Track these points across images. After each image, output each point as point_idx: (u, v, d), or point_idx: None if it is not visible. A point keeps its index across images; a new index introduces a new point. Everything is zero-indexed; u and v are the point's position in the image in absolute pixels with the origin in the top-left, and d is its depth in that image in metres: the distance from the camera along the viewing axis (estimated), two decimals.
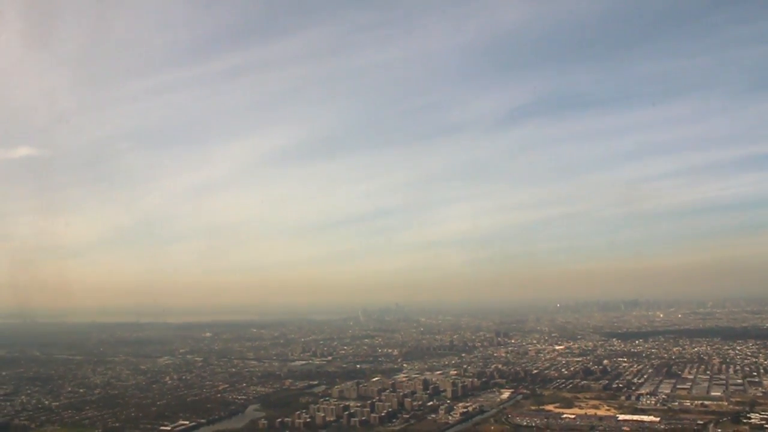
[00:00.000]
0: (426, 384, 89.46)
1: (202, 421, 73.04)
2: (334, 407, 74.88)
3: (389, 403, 77.18)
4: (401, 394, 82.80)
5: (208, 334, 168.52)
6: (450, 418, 73.54)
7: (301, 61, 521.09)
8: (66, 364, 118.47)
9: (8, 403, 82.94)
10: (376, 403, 77.39)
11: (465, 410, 76.60)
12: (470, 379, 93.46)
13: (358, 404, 78.17)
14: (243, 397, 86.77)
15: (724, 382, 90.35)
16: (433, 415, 75.03)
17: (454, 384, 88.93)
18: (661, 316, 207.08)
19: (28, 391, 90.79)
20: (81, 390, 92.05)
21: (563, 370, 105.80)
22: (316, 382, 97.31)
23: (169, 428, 69.68)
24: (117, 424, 71.70)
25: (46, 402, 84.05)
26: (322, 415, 71.79)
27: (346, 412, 72.74)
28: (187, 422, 71.79)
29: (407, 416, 74.03)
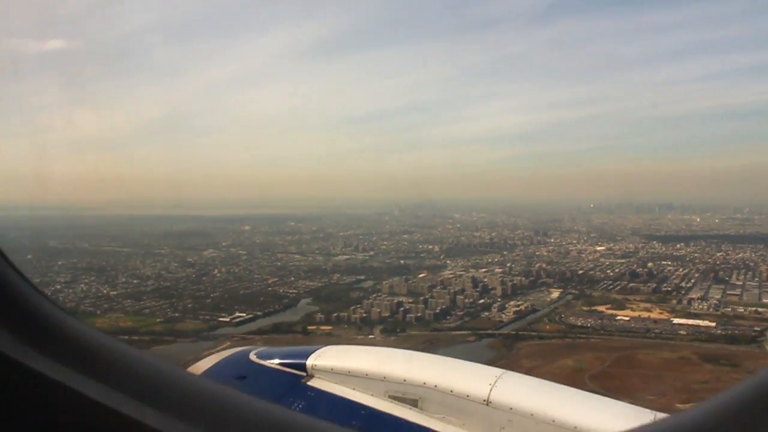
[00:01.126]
0: (475, 282, 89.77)
1: (259, 313, 74.50)
2: (387, 303, 75.82)
3: (442, 300, 77.93)
4: (452, 291, 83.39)
5: (247, 228, 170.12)
6: (503, 316, 74.11)
7: None
8: (115, 255, 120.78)
9: (70, 290, 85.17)
10: (429, 299, 78.22)
11: (517, 309, 77.19)
12: (518, 278, 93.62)
13: (410, 300, 79.06)
14: (293, 291, 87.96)
15: None
16: (486, 313, 75.64)
17: (502, 282, 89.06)
18: (698, 220, 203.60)
19: (86, 280, 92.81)
20: (135, 281, 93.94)
21: (608, 271, 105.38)
22: (363, 277, 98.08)
23: (227, 319, 71.27)
24: (176, 314, 73.63)
25: (105, 291, 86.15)
26: (378, 310, 72.76)
27: (401, 308, 73.66)
28: (243, 314, 73.32)
29: (460, 313, 74.72)
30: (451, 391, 4.29)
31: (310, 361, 4.92)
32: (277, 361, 5.14)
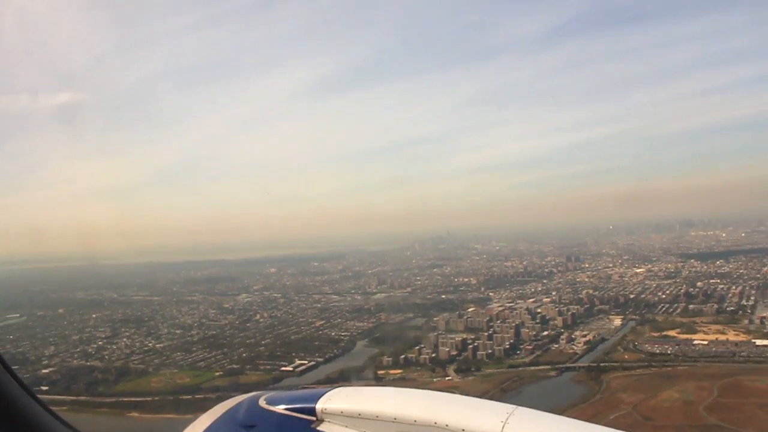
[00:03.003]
0: (531, 313, 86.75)
1: (320, 359, 71.38)
2: (451, 341, 72.75)
3: (507, 335, 74.85)
4: (513, 324, 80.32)
5: (272, 270, 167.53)
6: (574, 347, 71.06)
7: None
8: (147, 305, 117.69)
9: (113, 346, 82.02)
10: (494, 335, 75.15)
11: (585, 339, 74.13)
12: (573, 307, 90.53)
13: (471, 336, 76.01)
14: (346, 333, 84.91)
15: None
16: (555, 345, 72.60)
17: (560, 312, 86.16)
18: (724, 235, 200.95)
19: (127, 333, 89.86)
20: (177, 331, 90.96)
21: (660, 294, 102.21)
22: (411, 315, 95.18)
23: (290, 368, 68.13)
24: (235, 366, 70.41)
25: (150, 344, 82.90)
26: (446, 349, 69.69)
27: (471, 345, 70.61)
28: (305, 362, 70.19)
29: (529, 347, 71.63)
30: (463, 430, 4.14)
31: (319, 405, 4.79)
32: (286, 406, 5.01)
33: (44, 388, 65.29)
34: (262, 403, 5.10)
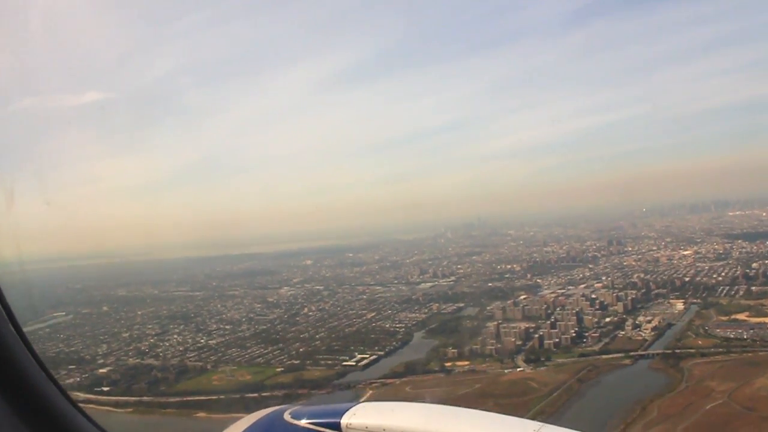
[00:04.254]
0: (590, 300, 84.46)
1: (381, 353, 69.89)
2: (516, 330, 70.90)
3: (571, 323, 72.83)
4: (574, 311, 78.22)
5: (309, 262, 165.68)
6: (642, 334, 68.95)
7: None
8: (191, 300, 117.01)
9: (166, 344, 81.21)
10: (557, 323, 73.15)
11: (650, 324, 71.89)
12: (632, 291, 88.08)
13: (532, 325, 74.10)
14: (400, 325, 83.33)
15: None
16: (621, 332, 70.50)
17: (618, 297, 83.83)
18: (764, 215, 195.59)
19: (176, 330, 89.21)
20: (227, 326, 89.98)
21: (715, 276, 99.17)
22: (462, 304, 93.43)
23: (352, 363, 66.79)
24: (295, 362, 69.12)
25: (202, 341, 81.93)
26: (512, 339, 67.87)
27: (536, 335, 68.74)
28: (366, 355, 68.77)
29: (595, 335, 69.62)
30: None
31: (344, 420, 4.75)
32: (311, 420, 4.95)
33: (106, 388, 64.64)
34: (287, 417, 5.07)
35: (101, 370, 70.45)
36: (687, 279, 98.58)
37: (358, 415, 4.81)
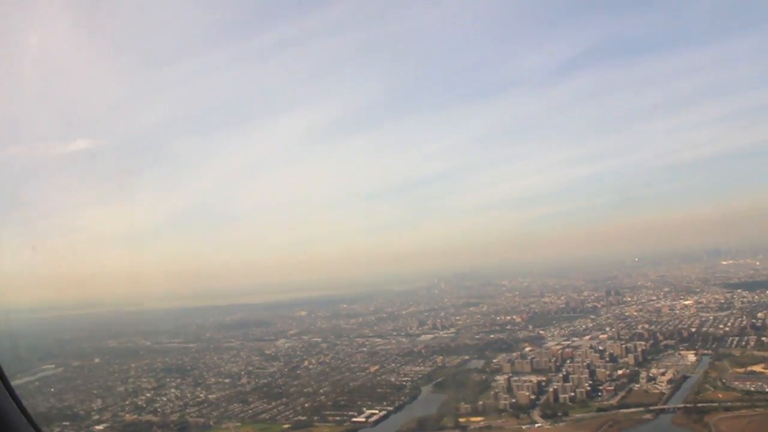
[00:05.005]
0: (598, 351, 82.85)
1: (389, 408, 67.41)
2: (528, 383, 68.84)
3: (584, 375, 70.97)
4: (584, 363, 76.42)
5: (303, 313, 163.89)
6: (658, 386, 67.22)
7: (340, 31, 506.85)
8: (185, 352, 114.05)
9: (164, 398, 78.11)
10: (569, 376, 71.29)
11: (664, 377, 70.23)
12: (641, 343, 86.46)
13: (542, 378, 72.14)
14: (406, 378, 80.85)
15: None
16: (636, 385, 68.77)
17: (627, 349, 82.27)
18: (757, 263, 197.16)
19: (173, 384, 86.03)
20: (226, 380, 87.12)
21: (722, 326, 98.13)
22: (467, 357, 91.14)
23: (362, 419, 64.27)
24: (301, 418, 66.42)
25: (201, 395, 79.00)
26: (526, 393, 65.75)
27: (550, 389, 66.74)
28: (375, 411, 66.28)
29: (610, 388, 67.67)
30: None
31: None
32: None
33: None
34: None
35: (97, 427, 67.40)
36: (693, 329, 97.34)
37: None
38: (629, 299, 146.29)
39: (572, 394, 64.99)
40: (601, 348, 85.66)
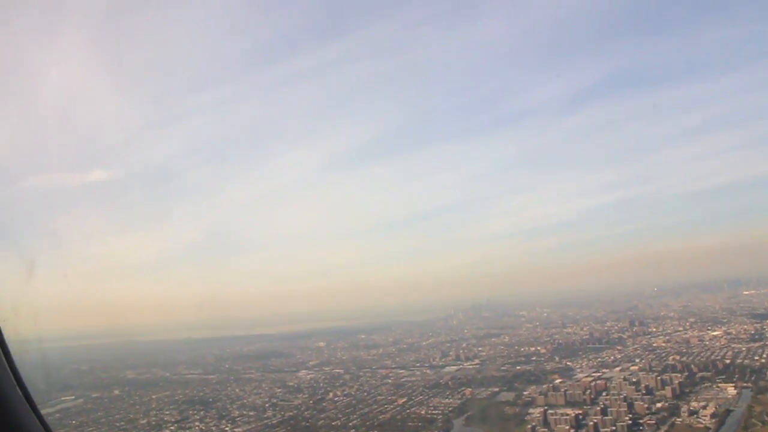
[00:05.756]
0: (633, 383, 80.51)
1: None
2: (566, 417, 66.76)
3: (622, 408, 68.81)
4: (621, 396, 74.21)
5: (322, 344, 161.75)
6: (701, 421, 64.84)
7: (358, 61, 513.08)
8: (206, 384, 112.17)
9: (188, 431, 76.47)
10: (607, 409, 69.13)
11: (707, 410, 67.94)
12: (677, 375, 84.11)
13: (580, 411, 70.02)
14: (436, 411, 78.79)
15: None
16: (678, 419, 66.46)
17: (663, 381, 79.92)
18: None
19: (197, 417, 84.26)
20: (251, 413, 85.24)
21: (757, 357, 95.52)
22: (496, 389, 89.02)
23: None
24: None
25: (227, 428, 77.24)
26: (566, 427, 63.70)
27: (590, 422, 64.66)
28: None
29: (651, 422, 65.49)
30: None
31: None
32: None
33: None
34: None
35: None
36: (728, 361, 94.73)
37: None
38: (654, 330, 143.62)
39: (613, 428, 62.90)
40: (635, 380, 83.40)
